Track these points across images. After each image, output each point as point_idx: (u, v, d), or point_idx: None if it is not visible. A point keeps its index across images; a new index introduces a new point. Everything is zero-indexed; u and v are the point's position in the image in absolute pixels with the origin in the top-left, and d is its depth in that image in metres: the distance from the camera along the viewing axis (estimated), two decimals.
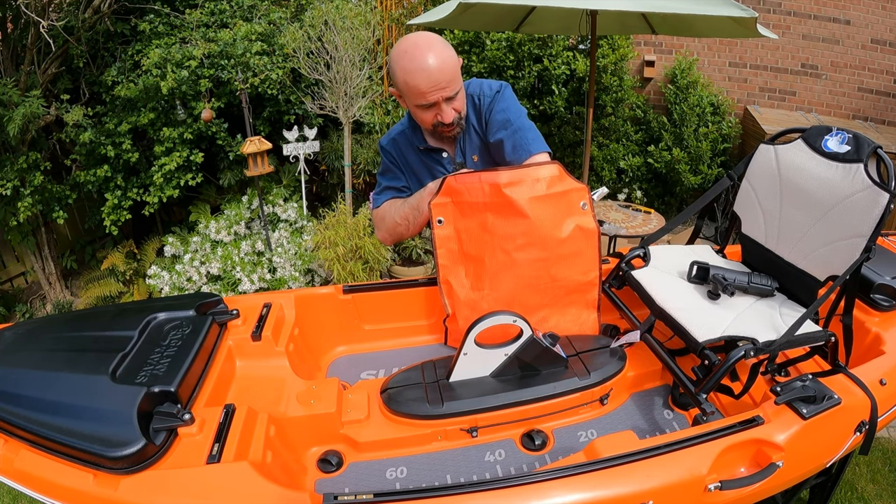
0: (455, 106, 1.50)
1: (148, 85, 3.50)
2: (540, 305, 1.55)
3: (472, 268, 1.56)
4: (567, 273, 1.53)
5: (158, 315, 1.44)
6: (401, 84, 1.46)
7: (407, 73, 1.42)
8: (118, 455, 1.05)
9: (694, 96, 4.65)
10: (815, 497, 1.73)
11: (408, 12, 4.43)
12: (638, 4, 2.68)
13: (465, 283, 1.56)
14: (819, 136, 1.42)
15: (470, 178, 1.47)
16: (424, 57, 1.40)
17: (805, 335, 1.30)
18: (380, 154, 1.77)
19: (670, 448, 1.10)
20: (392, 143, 1.71)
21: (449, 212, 1.52)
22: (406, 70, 1.42)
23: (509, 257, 1.50)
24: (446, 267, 1.56)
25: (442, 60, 1.41)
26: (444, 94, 1.44)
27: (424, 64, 1.40)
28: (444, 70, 1.42)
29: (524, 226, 1.47)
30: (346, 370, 1.67)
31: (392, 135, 1.72)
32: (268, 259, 3.71)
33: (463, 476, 1.27)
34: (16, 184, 3.41)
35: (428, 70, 1.40)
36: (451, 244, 1.55)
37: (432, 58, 1.40)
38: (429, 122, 1.53)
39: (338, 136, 4.24)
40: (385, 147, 1.73)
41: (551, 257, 1.50)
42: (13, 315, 4.02)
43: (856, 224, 1.30)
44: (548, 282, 1.53)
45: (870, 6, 4.46)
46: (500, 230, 1.49)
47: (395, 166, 1.73)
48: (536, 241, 1.48)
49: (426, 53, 1.40)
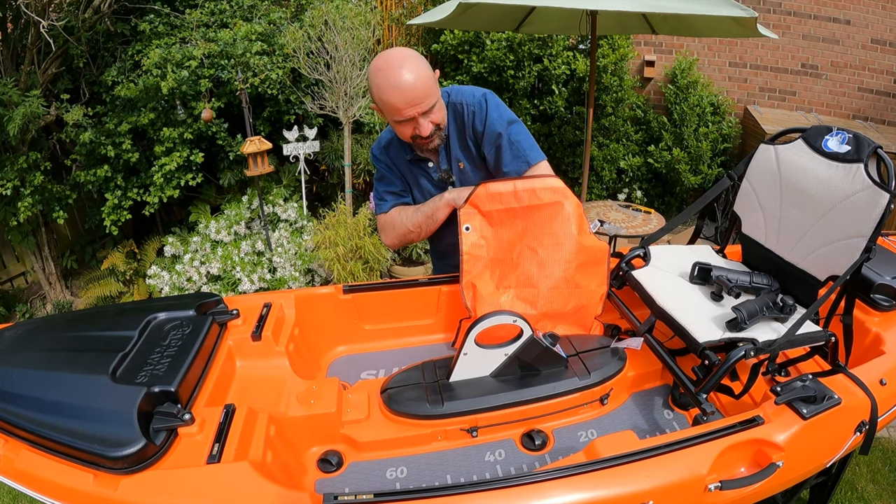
0: (433, 119, 1.51)
1: (148, 85, 3.50)
2: (562, 314, 1.58)
3: (497, 270, 1.59)
4: (587, 282, 1.57)
5: (158, 315, 1.44)
6: (377, 101, 1.49)
7: (382, 91, 1.44)
8: (118, 455, 1.05)
9: (694, 96, 4.65)
10: (815, 497, 1.73)
11: (408, 12, 4.43)
12: (638, 5, 2.68)
13: (489, 285, 1.58)
14: (819, 136, 1.42)
15: (503, 185, 1.50)
16: (398, 74, 1.41)
17: (805, 335, 1.30)
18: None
19: (670, 448, 1.10)
20: (383, 152, 1.74)
21: (476, 220, 1.55)
22: (381, 88, 1.44)
23: (537, 257, 1.53)
24: (470, 272, 1.58)
25: (416, 76, 1.42)
26: (419, 110, 1.46)
27: (398, 81, 1.41)
28: (418, 87, 1.43)
29: (554, 226, 1.51)
30: (346, 370, 1.67)
31: (382, 143, 1.74)
32: (268, 259, 3.71)
33: (463, 476, 1.27)
34: (16, 184, 3.41)
35: (402, 88, 1.42)
36: (479, 251, 1.57)
37: (406, 74, 1.41)
38: (407, 136, 1.55)
39: (338, 136, 4.24)
40: (377, 156, 1.76)
41: (575, 261, 1.54)
42: (13, 315, 4.02)
43: (856, 224, 1.30)
44: (572, 287, 1.56)
45: (870, 6, 4.46)
46: (530, 231, 1.53)
47: (391, 172, 1.75)
48: (564, 241, 1.51)
49: (399, 71, 1.41)
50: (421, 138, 1.53)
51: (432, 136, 1.54)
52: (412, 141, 1.56)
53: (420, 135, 1.51)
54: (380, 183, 1.78)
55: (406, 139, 1.57)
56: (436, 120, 1.52)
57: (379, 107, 1.52)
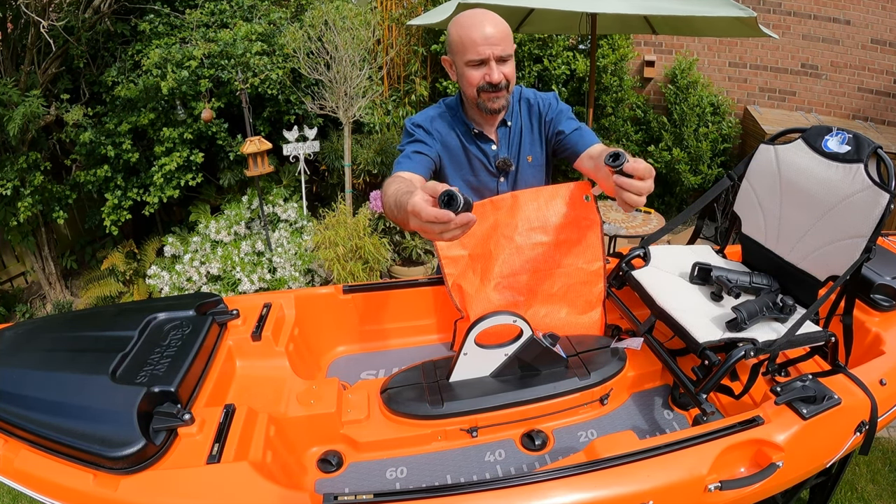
0: (505, 71, 1.50)
1: (148, 85, 3.50)
2: (550, 294, 1.57)
3: (478, 265, 1.58)
4: (573, 261, 1.56)
5: (158, 315, 1.44)
6: (454, 40, 1.50)
7: (462, 28, 1.48)
8: (118, 455, 1.05)
9: (694, 96, 4.65)
10: (815, 497, 1.73)
11: (408, 12, 4.43)
12: (636, 7, 2.68)
13: (474, 281, 1.58)
14: (819, 136, 1.42)
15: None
16: (481, 16, 1.48)
17: (805, 335, 1.30)
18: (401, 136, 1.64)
19: (670, 448, 1.10)
20: (429, 121, 1.63)
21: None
22: (462, 25, 1.48)
23: (513, 243, 1.53)
24: (453, 274, 1.59)
25: (497, 21, 1.48)
26: (495, 52, 1.47)
27: (481, 20, 1.47)
28: (499, 28, 1.48)
29: (525, 212, 1.52)
30: (346, 370, 1.67)
31: (428, 115, 1.64)
32: (268, 259, 3.70)
33: (463, 476, 1.27)
34: (16, 184, 3.41)
35: (482, 25, 1.46)
36: (455, 251, 1.57)
37: (488, 17, 1.48)
38: (475, 83, 1.51)
39: (338, 136, 4.24)
40: (419, 123, 1.61)
41: (554, 242, 1.53)
42: (13, 315, 4.01)
43: (856, 224, 1.30)
44: (555, 268, 1.56)
45: (870, 6, 4.46)
46: (503, 221, 1.54)
47: (429, 137, 1.60)
48: (537, 226, 1.52)
49: (483, 15, 1.48)
50: (490, 87, 1.49)
51: (500, 90, 1.51)
52: (477, 95, 1.52)
53: (490, 81, 1.49)
54: (409, 144, 1.60)
55: (473, 86, 1.52)
56: (507, 74, 1.51)
57: (454, 49, 1.51)
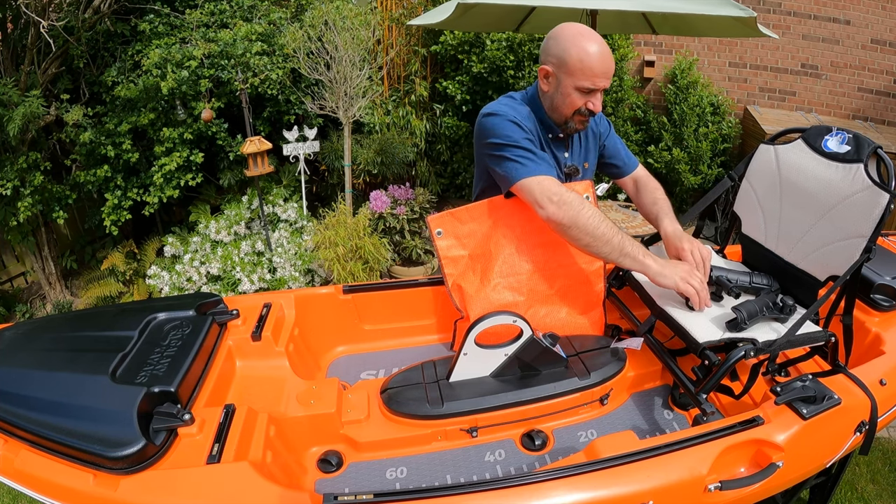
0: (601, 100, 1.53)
1: (148, 85, 3.50)
2: (549, 294, 1.57)
3: (478, 265, 1.58)
4: (573, 261, 1.56)
5: (158, 315, 1.44)
6: (574, 62, 1.45)
7: (586, 53, 1.45)
8: (118, 455, 1.05)
9: (694, 96, 4.65)
10: (815, 497, 1.73)
11: (408, 12, 4.43)
12: (638, 4, 2.68)
13: (474, 282, 1.58)
14: (819, 136, 1.42)
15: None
16: (601, 44, 1.46)
17: (805, 335, 1.30)
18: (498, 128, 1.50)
19: (670, 448, 1.10)
20: (524, 119, 1.53)
21: (446, 221, 1.56)
22: (585, 50, 1.45)
23: (513, 243, 1.53)
24: (452, 274, 1.59)
25: (610, 54, 1.48)
26: (606, 85, 1.48)
27: (602, 49, 1.46)
28: (612, 61, 1.48)
29: (526, 212, 1.51)
30: (346, 370, 1.67)
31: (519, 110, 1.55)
32: (268, 259, 3.70)
33: (463, 476, 1.27)
34: (16, 184, 3.40)
35: (604, 56, 1.46)
36: (455, 251, 1.58)
37: (606, 48, 1.47)
38: (573, 108, 1.50)
39: (338, 136, 4.24)
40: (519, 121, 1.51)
41: (553, 241, 1.53)
42: (13, 315, 4.01)
43: (856, 224, 1.30)
44: (556, 267, 1.56)
45: (870, 6, 4.46)
46: (502, 221, 1.54)
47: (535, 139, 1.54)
48: (538, 226, 1.51)
49: (601, 43, 1.46)
50: (586, 114, 1.51)
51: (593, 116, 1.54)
52: (570, 117, 1.52)
53: (593, 110, 1.50)
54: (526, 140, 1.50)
55: (567, 112, 1.51)
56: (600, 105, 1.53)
57: (570, 69, 1.45)
